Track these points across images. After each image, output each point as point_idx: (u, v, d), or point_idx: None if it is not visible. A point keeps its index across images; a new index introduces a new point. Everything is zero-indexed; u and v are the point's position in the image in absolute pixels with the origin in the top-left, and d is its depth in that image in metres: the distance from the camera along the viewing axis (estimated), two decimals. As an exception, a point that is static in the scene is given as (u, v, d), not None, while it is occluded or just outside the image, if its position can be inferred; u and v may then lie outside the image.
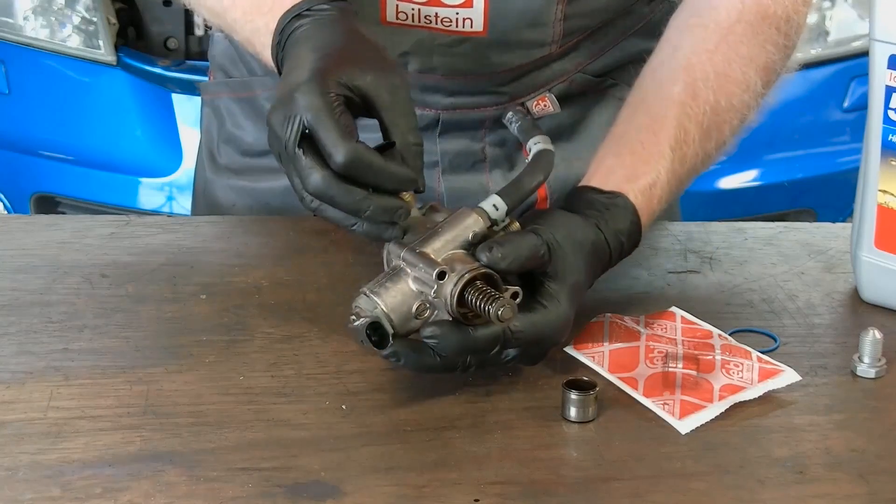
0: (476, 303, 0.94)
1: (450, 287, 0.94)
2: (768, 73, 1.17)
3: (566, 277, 0.99)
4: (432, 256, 0.96)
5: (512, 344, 0.96)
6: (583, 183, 1.09)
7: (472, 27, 1.20)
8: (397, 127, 0.97)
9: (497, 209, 1.00)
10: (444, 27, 1.20)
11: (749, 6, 1.16)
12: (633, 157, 1.09)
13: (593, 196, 1.06)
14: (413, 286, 0.96)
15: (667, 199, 1.10)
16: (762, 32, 1.17)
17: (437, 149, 1.29)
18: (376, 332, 0.95)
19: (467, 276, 0.94)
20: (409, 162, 0.97)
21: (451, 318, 0.95)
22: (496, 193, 1.01)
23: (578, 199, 1.06)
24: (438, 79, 1.25)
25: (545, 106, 1.28)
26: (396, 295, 0.96)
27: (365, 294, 0.96)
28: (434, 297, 0.95)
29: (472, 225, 0.99)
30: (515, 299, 0.94)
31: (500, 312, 0.93)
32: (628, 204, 1.06)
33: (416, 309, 0.96)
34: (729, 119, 1.15)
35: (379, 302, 0.95)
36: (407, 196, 0.98)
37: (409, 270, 0.96)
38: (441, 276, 0.94)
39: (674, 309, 1.12)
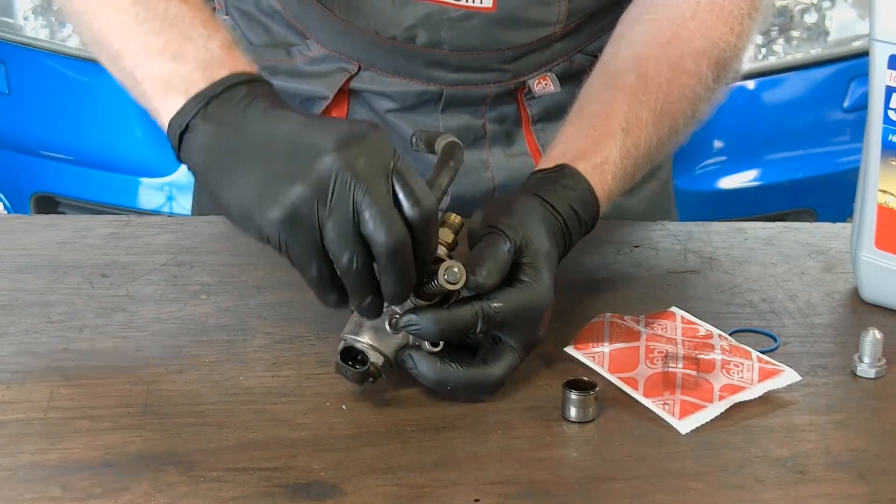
0: (429, 284, 0.94)
1: None
2: (720, 68, 1.18)
3: (535, 250, 0.99)
4: None
5: (496, 321, 0.95)
6: (534, 169, 1.10)
7: (481, 3, 1.21)
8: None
9: None
10: (454, 2, 1.21)
11: (703, 4, 1.18)
12: (583, 140, 1.10)
13: (539, 176, 1.07)
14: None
15: (622, 177, 1.10)
16: (715, 29, 1.18)
17: (439, 124, 1.30)
18: (350, 355, 0.96)
19: None
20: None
21: None
22: None
23: (528, 183, 1.07)
24: (445, 54, 1.25)
25: (546, 85, 1.29)
26: (369, 326, 0.96)
27: (344, 340, 0.97)
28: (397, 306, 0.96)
29: None
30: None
31: (445, 277, 0.93)
32: (575, 173, 1.06)
33: (390, 324, 0.96)
34: (681, 108, 1.16)
35: (359, 339, 0.96)
36: None
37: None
38: None
39: (674, 309, 1.12)
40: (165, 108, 0.97)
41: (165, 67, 0.98)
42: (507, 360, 0.97)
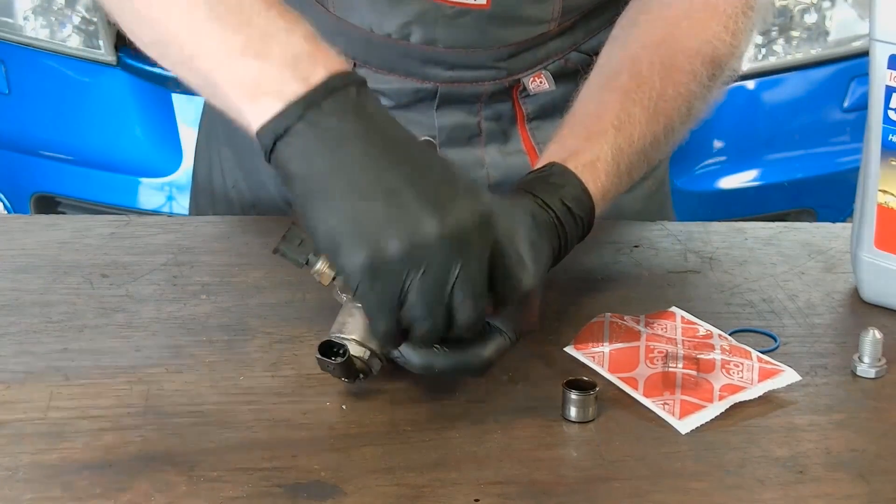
0: None
1: None
2: (715, 66, 1.18)
3: (517, 237, 0.97)
4: None
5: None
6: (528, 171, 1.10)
7: (475, 0, 1.21)
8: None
9: None
10: None
11: (697, 3, 1.18)
12: (574, 140, 1.10)
13: (531, 176, 1.07)
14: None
15: (617, 174, 1.09)
16: (709, 29, 1.18)
17: (434, 122, 1.29)
18: (331, 350, 0.96)
19: None
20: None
21: None
22: None
23: (519, 183, 1.07)
24: (440, 51, 1.25)
25: (541, 83, 1.29)
26: (353, 321, 0.96)
27: (331, 339, 0.97)
28: None
29: None
30: None
31: None
32: (564, 170, 1.06)
33: None
34: (676, 106, 1.15)
35: (345, 336, 0.96)
36: None
37: (350, 297, 0.97)
38: None
39: (674, 309, 1.12)
40: (256, 112, 0.90)
41: (250, 68, 0.91)
42: (496, 341, 0.96)
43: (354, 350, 0.95)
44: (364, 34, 1.26)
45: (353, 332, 0.96)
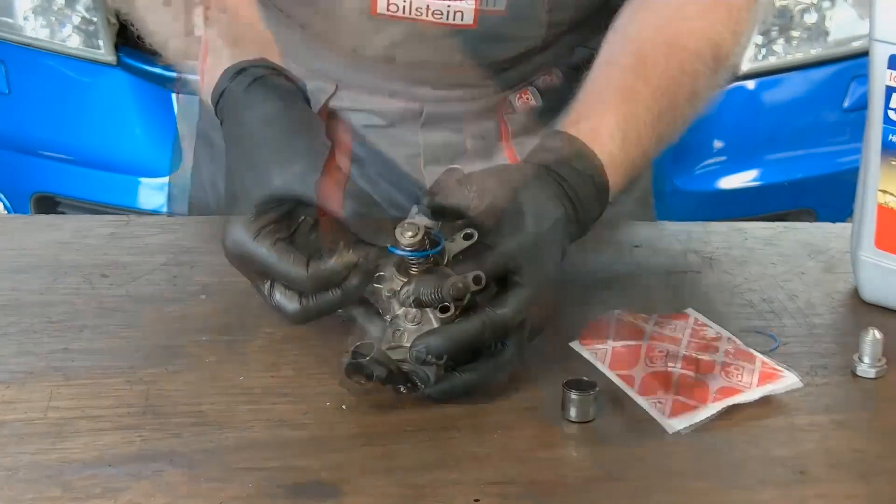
0: (432, 296, 0.94)
1: (400, 298, 0.95)
2: (718, 49, 1.16)
3: (520, 241, 0.97)
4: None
5: (501, 328, 0.94)
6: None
7: (462, 20, 1.20)
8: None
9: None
10: (434, 19, 1.20)
11: None
12: (576, 115, 1.08)
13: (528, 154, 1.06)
14: (372, 325, 0.97)
15: (623, 141, 1.07)
16: (712, 13, 1.17)
17: (419, 140, 1.29)
18: (354, 369, 0.95)
19: (411, 286, 0.95)
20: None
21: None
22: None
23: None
24: (426, 72, 1.25)
25: (527, 100, 1.29)
26: (373, 339, 0.96)
27: (349, 354, 0.96)
28: (396, 317, 0.96)
29: None
30: (479, 284, 0.94)
31: (451, 292, 0.93)
32: (557, 133, 1.04)
33: (394, 337, 0.96)
34: (681, 82, 1.13)
35: (363, 353, 0.95)
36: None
37: (363, 318, 0.98)
38: (379, 280, 0.96)
39: (689, 310, 1.11)
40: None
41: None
42: (507, 362, 0.97)
43: (377, 371, 0.95)
44: (348, 55, 1.25)
45: (373, 351, 0.95)
